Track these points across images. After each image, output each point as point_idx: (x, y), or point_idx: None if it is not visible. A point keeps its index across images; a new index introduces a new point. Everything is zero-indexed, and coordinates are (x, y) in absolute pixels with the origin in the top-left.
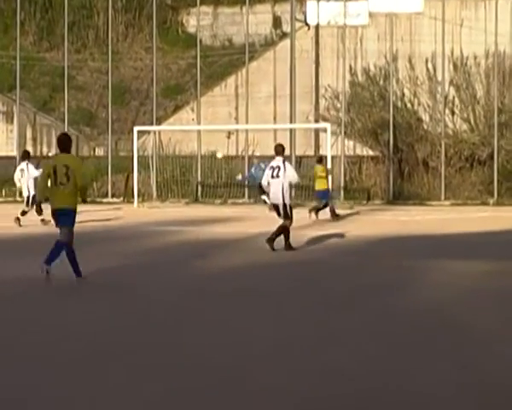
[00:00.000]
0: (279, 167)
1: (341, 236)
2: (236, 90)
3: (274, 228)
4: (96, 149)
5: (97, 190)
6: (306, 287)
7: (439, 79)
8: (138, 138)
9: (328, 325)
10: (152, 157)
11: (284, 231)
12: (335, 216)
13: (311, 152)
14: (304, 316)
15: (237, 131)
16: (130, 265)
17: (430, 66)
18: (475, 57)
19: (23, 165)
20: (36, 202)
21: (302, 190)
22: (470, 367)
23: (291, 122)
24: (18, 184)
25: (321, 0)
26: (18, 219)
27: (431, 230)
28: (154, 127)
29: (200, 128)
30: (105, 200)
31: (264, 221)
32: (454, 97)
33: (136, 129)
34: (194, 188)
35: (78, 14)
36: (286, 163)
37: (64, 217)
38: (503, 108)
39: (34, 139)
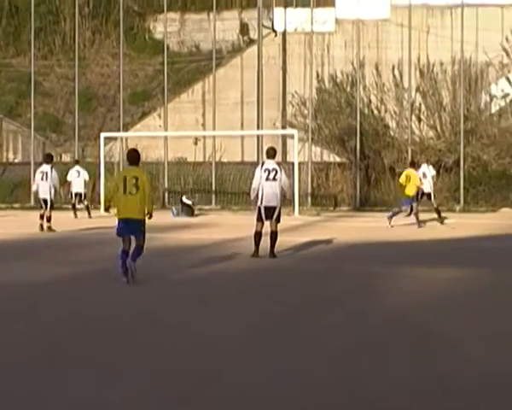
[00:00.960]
0: (276, 170)
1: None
2: (203, 96)
3: (252, 237)
4: (63, 156)
5: (64, 196)
6: (277, 294)
7: (406, 85)
8: (105, 145)
9: (298, 333)
10: (119, 163)
11: (276, 237)
12: (419, 221)
13: (278, 159)
14: (275, 323)
15: (204, 137)
16: (105, 270)
17: (397, 72)
18: (441, 64)
19: (46, 168)
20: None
21: None
22: (438, 373)
23: (258, 128)
24: (34, 188)
25: (288, 7)
26: (49, 227)
27: (398, 236)
28: (121, 134)
29: (168, 134)
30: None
31: (230, 228)
32: (420, 104)
33: (102, 135)
34: (161, 194)
35: (44, 19)
36: (281, 167)
37: (133, 228)
38: (469, 115)
39: (0, 145)
